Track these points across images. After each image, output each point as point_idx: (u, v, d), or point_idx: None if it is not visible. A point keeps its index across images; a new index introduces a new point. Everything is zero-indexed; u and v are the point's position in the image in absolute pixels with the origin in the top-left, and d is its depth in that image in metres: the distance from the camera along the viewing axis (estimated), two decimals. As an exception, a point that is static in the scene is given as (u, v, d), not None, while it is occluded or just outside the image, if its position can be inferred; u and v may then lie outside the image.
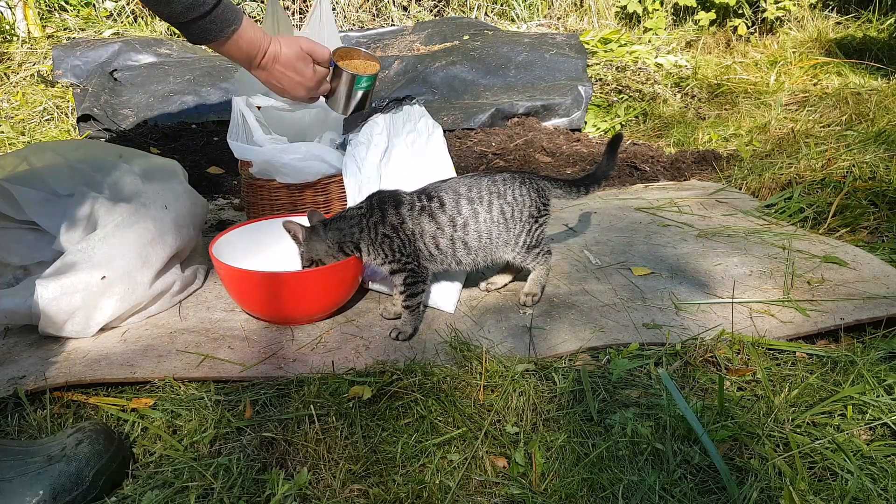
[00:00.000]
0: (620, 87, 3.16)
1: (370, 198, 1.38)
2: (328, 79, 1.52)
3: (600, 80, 3.24)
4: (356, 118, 1.63)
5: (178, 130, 2.75)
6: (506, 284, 1.53)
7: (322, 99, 1.58)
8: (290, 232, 1.37)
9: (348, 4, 4.36)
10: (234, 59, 1.39)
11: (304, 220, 1.43)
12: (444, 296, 1.44)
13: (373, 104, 1.66)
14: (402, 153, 1.58)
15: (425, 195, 1.36)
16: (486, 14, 4.55)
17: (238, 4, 4.17)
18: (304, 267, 1.38)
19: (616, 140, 1.56)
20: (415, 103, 1.65)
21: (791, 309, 1.36)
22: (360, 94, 1.54)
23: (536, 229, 1.41)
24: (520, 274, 1.52)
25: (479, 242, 1.37)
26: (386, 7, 4.46)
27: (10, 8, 3.56)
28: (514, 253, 1.41)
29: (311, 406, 1.08)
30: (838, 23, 4.06)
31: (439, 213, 1.34)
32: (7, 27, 3.49)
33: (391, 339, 1.31)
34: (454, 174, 1.60)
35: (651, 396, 1.12)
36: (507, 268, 1.52)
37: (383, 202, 1.35)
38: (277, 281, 1.35)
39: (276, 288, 1.32)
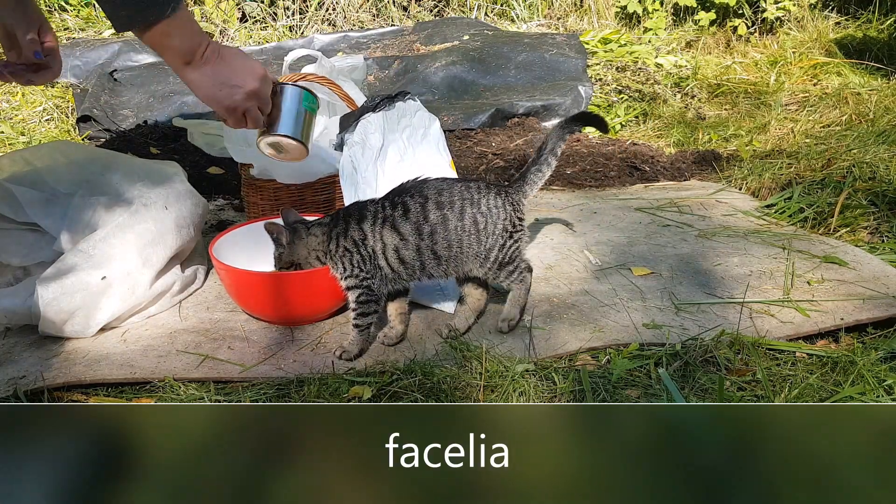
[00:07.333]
0: (620, 88, 3.16)
1: (340, 210, 1.34)
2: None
3: (600, 80, 3.23)
4: (349, 117, 1.62)
5: (178, 130, 2.75)
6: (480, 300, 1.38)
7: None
8: (271, 233, 1.29)
9: (348, 4, 4.35)
10: (172, 50, 1.08)
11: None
12: (445, 296, 1.44)
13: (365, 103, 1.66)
14: (399, 148, 1.57)
15: (389, 202, 1.28)
16: (486, 14, 4.54)
17: (238, 5, 4.16)
18: (279, 269, 1.32)
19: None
20: (408, 99, 1.64)
21: (791, 309, 1.36)
22: (305, 114, 1.27)
23: (511, 245, 1.30)
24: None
25: (450, 252, 1.27)
26: (386, 7, 4.46)
27: (10, 8, 3.55)
28: (485, 269, 1.30)
29: (311, 406, 1.08)
30: (838, 23, 4.05)
31: (402, 222, 1.25)
32: (7, 27, 3.48)
33: (334, 357, 1.25)
34: (450, 164, 1.59)
35: (651, 396, 1.12)
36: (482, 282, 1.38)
37: (349, 214, 1.29)
38: (278, 281, 1.35)
39: (277, 288, 1.32)
